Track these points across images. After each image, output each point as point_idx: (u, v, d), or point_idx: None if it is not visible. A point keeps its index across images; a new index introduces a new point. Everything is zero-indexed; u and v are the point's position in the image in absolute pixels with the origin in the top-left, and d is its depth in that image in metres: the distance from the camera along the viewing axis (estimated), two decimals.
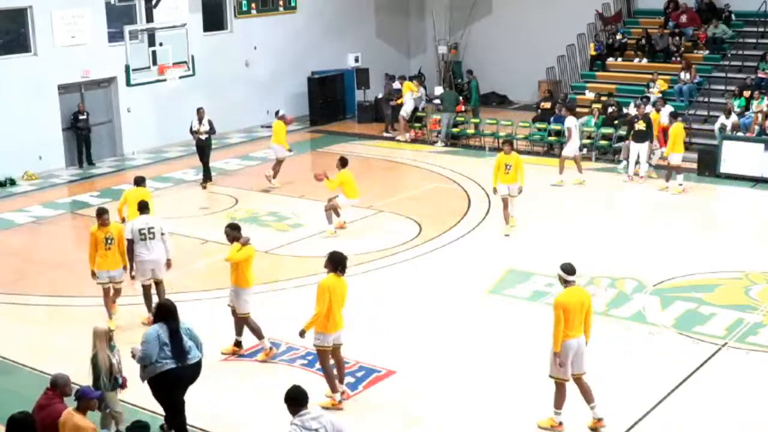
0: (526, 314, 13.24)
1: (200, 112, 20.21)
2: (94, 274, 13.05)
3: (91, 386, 8.99)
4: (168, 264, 13.30)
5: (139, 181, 15.46)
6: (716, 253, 15.47)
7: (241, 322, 11.84)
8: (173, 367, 9.30)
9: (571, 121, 20.09)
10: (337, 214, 17.25)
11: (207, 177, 20.71)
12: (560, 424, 10.02)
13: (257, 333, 11.85)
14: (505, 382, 11.18)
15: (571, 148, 20.04)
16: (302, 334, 10.33)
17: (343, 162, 17.17)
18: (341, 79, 28.65)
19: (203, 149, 20.44)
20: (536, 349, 11.99)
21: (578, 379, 9.92)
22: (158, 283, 13.31)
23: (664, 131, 22.39)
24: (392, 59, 30.77)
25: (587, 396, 9.97)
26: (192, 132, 20.38)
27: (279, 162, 20.63)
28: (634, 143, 19.94)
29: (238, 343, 12.04)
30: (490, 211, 18.23)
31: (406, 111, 25.57)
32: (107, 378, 9.40)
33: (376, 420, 10.36)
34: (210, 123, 20.26)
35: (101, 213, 12.94)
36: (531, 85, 28.70)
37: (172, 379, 9.38)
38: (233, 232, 11.88)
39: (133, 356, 9.58)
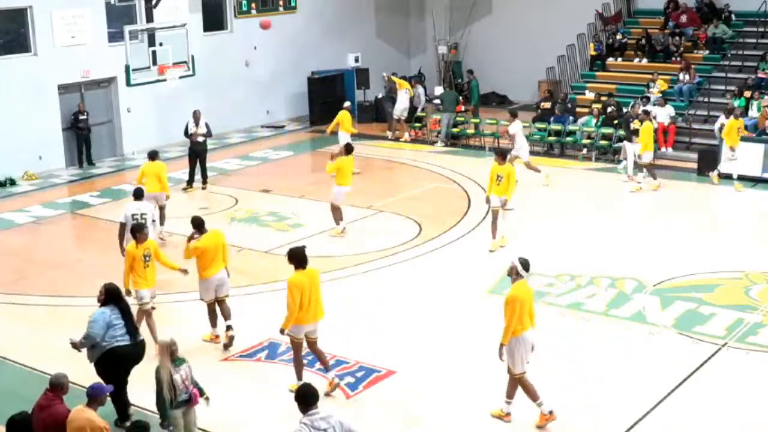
0: None
1: (197, 114, 20.14)
2: (129, 293, 11.76)
3: (158, 401, 9.00)
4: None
5: (153, 155, 16.75)
6: (716, 253, 15.47)
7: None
8: (121, 345, 9.81)
9: (515, 127, 19.96)
10: (340, 217, 16.97)
11: (204, 178, 20.57)
12: (551, 413, 10.10)
13: (211, 320, 12.46)
14: (505, 381, 11.16)
15: (524, 152, 19.95)
16: (282, 332, 10.66)
17: (348, 149, 17.22)
18: (341, 79, 28.65)
19: (199, 152, 20.24)
20: (536, 349, 12.00)
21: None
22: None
23: (664, 131, 22.48)
24: (392, 59, 30.77)
25: (529, 391, 10.12)
26: (188, 134, 20.20)
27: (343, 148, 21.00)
28: (629, 143, 19.91)
29: (228, 327, 12.36)
30: (490, 211, 18.21)
31: (398, 109, 25.57)
32: (170, 393, 8.95)
33: (376, 420, 10.36)
34: (207, 125, 20.20)
35: (140, 228, 12.08)
36: (531, 85, 28.70)
37: (120, 357, 9.84)
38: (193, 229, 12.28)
39: (74, 346, 9.87)
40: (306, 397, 7.61)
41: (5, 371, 11.93)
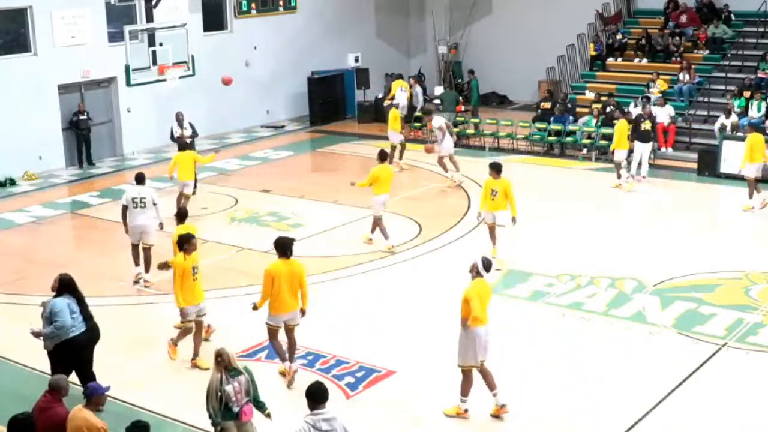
0: (526, 314, 13.25)
1: (179, 116, 20.02)
2: (183, 314, 11.48)
3: (208, 407, 8.82)
4: (160, 226, 14.71)
5: (184, 146, 18.37)
6: (716, 253, 15.47)
7: None
8: (78, 334, 10.23)
9: (437, 121, 20.18)
10: (381, 231, 16.06)
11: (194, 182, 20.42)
12: (465, 411, 10.26)
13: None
14: (505, 381, 11.17)
15: (446, 146, 20.16)
16: (254, 308, 11.04)
17: (382, 156, 16.51)
18: (341, 79, 28.65)
19: None
20: (536, 349, 12.01)
21: (481, 363, 10.26)
22: (146, 249, 14.57)
23: (664, 131, 22.48)
24: (392, 59, 30.77)
25: (490, 381, 10.26)
26: (174, 138, 20.00)
27: (394, 148, 21.42)
28: (638, 143, 19.89)
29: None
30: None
31: (402, 107, 25.60)
32: (214, 402, 8.66)
33: (376, 420, 10.36)
34: (192, 126, 20.12)
35: (188, 239, 11.35)
36: (531, 85, 28.70)
37: (79, 346, 10.26)
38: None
39: (36, 335, 10.04)
40: (314, 395, 7.64)
41: (5, 371, 11.93)
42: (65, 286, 10.40)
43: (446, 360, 11.74)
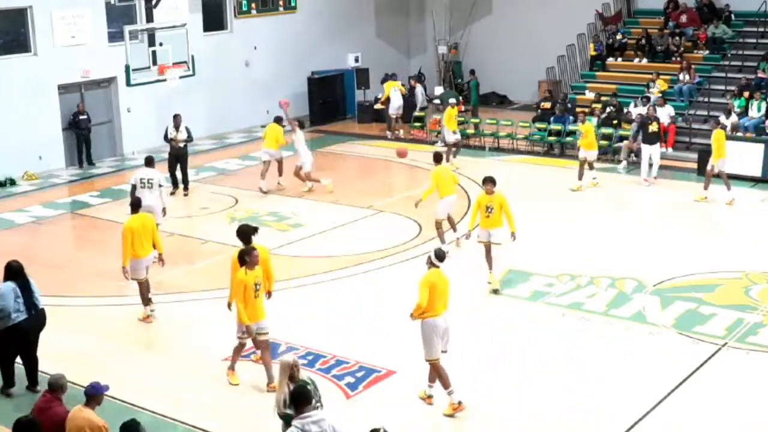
0: (526, 314, 13.25)
1: (177, 119, 19.84)
2: (249, 332, 10.94)
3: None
4: (164, 212, 15.54)
5: (278, 120, 20.53)
6: (716, 253, 15.47)
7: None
8: (22, 320, 10.78)
9: (299, 136, 19.98)
10: (439, 236, 15.74)
11: (186, 184, 20.31)
12: (459, 403, 10.35)
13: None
14: (505, 381, 11.18)
15: (307, 162, 19.93)
16: (229, 306, 11.23)
17: (437, 158, 16.01)
18: (341, 79, 28.66)
19: (179, 158, 19.98)
20: (536, 349, 12.02)
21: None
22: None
23: (664, 131, 22.46)
24: (392, 59, 30.77)
25: (433, 375, 10.44)
26: (168, 139, 19.90)
27: (450, 146, 21.73)
28: (646, 146, 19.86)
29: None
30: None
31: (393, 107, 25.69)
32: (282, 413, 8.39)
33: (376, 420, 10.35)
34: (187, 130, 20.00)
35: (249, 252, 10.87)
36: (531, 85, 28.70)
37: (23, 331, 10.83)
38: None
39: None
40: (297, 400, 7.64)
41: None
42: (13, 272, 10.89)
43: (446, 360, 11.75)
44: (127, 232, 12.84)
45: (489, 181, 13.87)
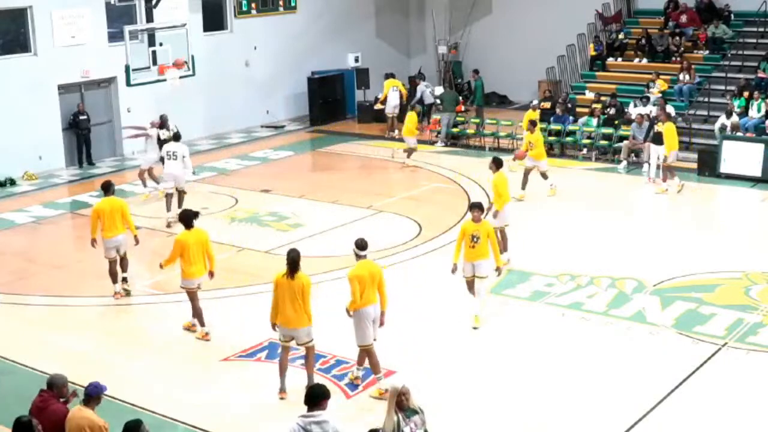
0: (525, 314, 13.24)
1: (163, 118, 19.81)
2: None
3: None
4: (193, 173, 18.97)
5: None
6: (716, 253, 15.46)
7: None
8: None
9: (154, 132, 19.65)
10: (502, 241, 14.58)
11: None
12: (386, 391, 10.27)
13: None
14: (505, 381, 11.18)
15: (146, 159, 19.85)
16: (161, 266, 12.68)
17: (497, 164, 14.77)
18: (341, 79, 28.65)
19: None
20: (536, 349, 12.02)
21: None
22: (181, 192, 17.89)
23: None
24: (392, 59, 30.76)
25: (362, 358, 10.86)
26: (160, 141, 19.60)
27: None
28: (654, 146, 19.85)
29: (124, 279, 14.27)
30: (490, 211, 18.21)
31: (390, 106, 25.72)
32: None
33: (376, 420, 10.34)
34: (176, 128, 19.98)
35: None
36: (531, 85, 28.68)
37: None
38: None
39: None
40: (308, 397, 7.68)
41: (5, 371, 11.91)
42: None
43: (446, 360, 11.76)
44: (93, 214, 14.11)
45: (476, 208, 12.51)
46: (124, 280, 14.27)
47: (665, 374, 11.15)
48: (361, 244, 10.87)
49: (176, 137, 18.14)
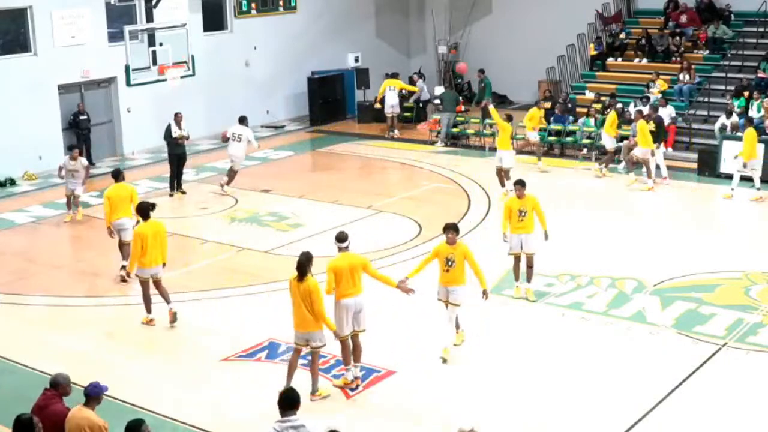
0: (525, 314, 13.24)
1: (179, 117, 19.89)
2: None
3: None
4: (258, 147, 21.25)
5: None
6: (716, 253, 15.46)
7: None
8: None
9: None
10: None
11: (180, 185, 20.36)
12: (352, 381, 10.83)
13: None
14: (505, 381, 11.18)
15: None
16: (128, 275, 13.59)
17: (523, 184, 13.82)
18: (341, 79, 28.65)
19: (181, 156, 20.07)
20: (536, 349, 12.02)
21: (355, 336, 10.92)
22: (234, 172, 20.02)
23: (664, 131, 22.45)
24: (392, 59, 30.76)
25: (357, 354, 10.97)
26: (172, 138, 19.83)
27: (615, 152, 21.16)
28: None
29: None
30: (490, 211, 18.25)
31: (387, 106, 25.77)
32: None
33: (376, 420, 10.36)
34: (186, 131, 20.07)
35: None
36: (531, 85, 28.68)
37: None
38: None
39: None
40: (282, 401, 7.66)
41: (5, 371, 11.91)
42: None
43: (446, 359, 11.75)
44: (105, 200, 14.91)
45: (451, 230, 11.58)
46: (122, 267, 14.68)
47: (665, 374, 11.15)
48: (341, 237, 11.03)
49: (241, 120, 20.37)
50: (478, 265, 11.61)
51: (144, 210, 12.91)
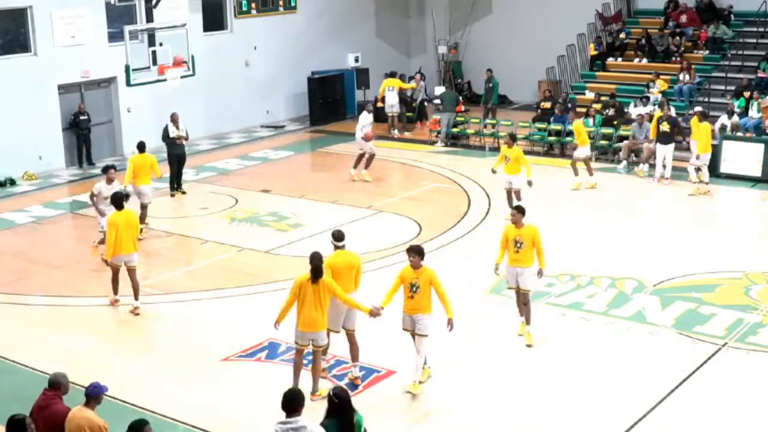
0: None
1: (175, 116, 19.85)
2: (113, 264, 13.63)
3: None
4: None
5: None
6: (716, 253, 15.46)
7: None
8: None
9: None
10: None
11: (180, 185, 20.33)
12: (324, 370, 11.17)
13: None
14: (505, 381, 11.18)
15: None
16: (105, 262, 13.53)
17: (522, 212, 12.69)
18: (341, 79, 28.65)
19: (181, 155, 20.05)
20: (536, 349, 12.01)
21: (350, 335, 11.13)
22: (365, 155, 20.67)
23: None
24: (392, 59, 30.76)
25: (354, 352, 11.08)
26: (171, 138, 19.81)
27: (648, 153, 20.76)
28: (660, 145, 19.85)
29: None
30: (490, 211, 18.25)
31: (387, 105, 25.81)
32: None
33: (377, 420, 10.35)
34: (185, 130, 20.07)
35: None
36: (531, 85, 28.70)
37: None
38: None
39: None
40: (284, 403, 7.65)
41: (5, 371, 11.91)
42: None
43: (446, 360, 11.75)
44: (129, 165, 17.22)
45: (414, 253, 10.67)
46: (141, 230, 15.29)
47: (665, 374, 11.15)
48: (338, 236, 11.21)
49: (366, 108, 20.96)
50: (445, 291, 10.70)
51: (118, 200, 13.62)
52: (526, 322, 12.15)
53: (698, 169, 19.38)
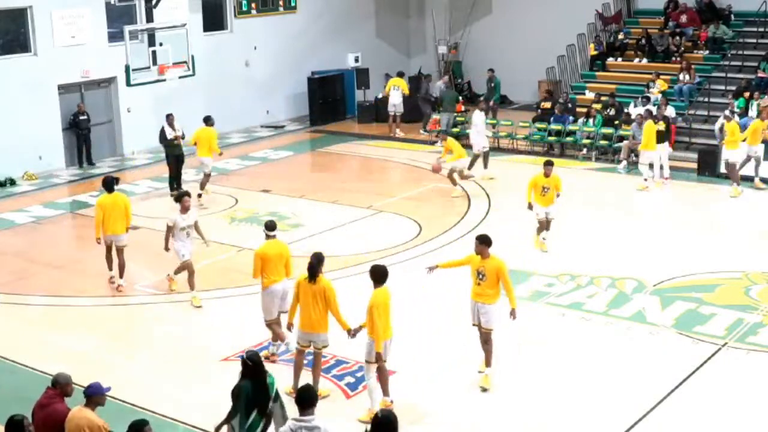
0: (525, 314, 13.21)
1: (171, 118, 19.84)
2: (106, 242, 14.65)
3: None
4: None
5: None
6: (716, 253, 15.47)
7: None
8: None
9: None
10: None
11: (180, 185, 20.13)
12: (273, 354, 11.66)
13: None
14: (505, 381, 11.18)
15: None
16: (98, 240, 14.48)
17: (488, 242, 11.25)
18: (341, 79, 28.65)
19: (179, 156, 20.03)
20: (536, 349, 12.02)
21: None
22: (481, 155, 20.49)
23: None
24: (392, 59, 30.76)
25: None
26: (168, 140, 19.79)
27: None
28: (659, 144, 19.83)
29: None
30: (490, 211, 18.25)
31: (390, 105, 25.80)
32: None
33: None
34: (182, 130, 20.08)
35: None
36: (531, 85, 28.70)
37: None
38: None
39: None
40: (299, 399, 7.67)
41: (5, 371, 11.92)
42: None
43: (446, 360, 11.76)
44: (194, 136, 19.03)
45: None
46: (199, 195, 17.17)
47: (665, 374, 11.15)
48: (270, 225, 11.82)
49: (485, 100, 22.05)
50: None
51: (109, 183, 14.39)
52: (486, 363, 10.91)
53: (651, 166, 19.54)
